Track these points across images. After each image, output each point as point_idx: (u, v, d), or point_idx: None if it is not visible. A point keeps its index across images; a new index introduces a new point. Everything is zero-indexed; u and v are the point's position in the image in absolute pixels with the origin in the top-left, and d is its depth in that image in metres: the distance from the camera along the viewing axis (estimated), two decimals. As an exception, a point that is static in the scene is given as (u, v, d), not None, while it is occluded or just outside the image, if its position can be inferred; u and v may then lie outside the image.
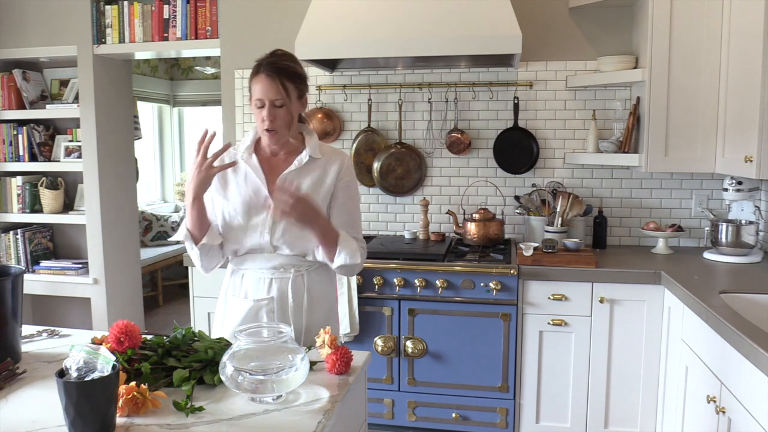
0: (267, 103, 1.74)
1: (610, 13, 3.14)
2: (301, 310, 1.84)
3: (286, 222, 1.78)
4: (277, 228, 1.80)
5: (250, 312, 1.84)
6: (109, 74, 3.81)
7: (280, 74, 1.74)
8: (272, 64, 1.75)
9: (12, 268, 1.63)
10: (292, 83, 1.77)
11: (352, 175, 1.91)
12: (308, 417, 1.27)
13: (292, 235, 1.80)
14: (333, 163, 1.87)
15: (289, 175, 1.82)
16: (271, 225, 1.80)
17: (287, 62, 1.78)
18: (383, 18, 2.84)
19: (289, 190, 1.71)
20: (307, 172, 1.84)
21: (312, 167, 1.85)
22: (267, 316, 1.84)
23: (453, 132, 3.31)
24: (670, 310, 2.57)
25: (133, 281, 4.12)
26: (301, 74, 1.81)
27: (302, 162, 1.83)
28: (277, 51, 1.81)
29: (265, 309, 1.83)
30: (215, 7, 3.47)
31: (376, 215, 3.51)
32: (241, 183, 1.84)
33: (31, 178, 3.87)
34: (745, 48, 2.47)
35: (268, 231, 1.80)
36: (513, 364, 2.81)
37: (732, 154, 2.60)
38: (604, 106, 3.20)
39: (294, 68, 1.79)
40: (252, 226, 1.81)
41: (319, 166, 1.85)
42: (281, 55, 1.80)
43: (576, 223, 3.12)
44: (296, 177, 1.83)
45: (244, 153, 1.86)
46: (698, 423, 2.16)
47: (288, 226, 1.79)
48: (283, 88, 1.74)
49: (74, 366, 1.18)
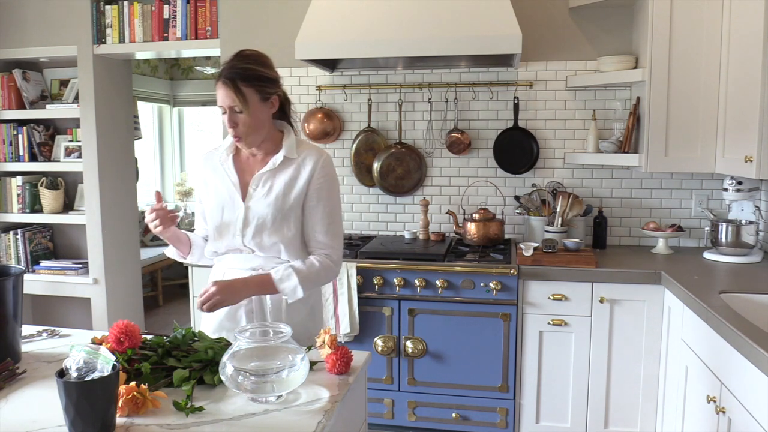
0: (227, 109, 1.73)
1: (610, 13, 3.14)
2: (280, 311, 1.83)
3: (257, 224, 1.78)
4: (247, 231, 1.80)
5: (230, 312, 1.84)
6: (109, 74, 3.81)
7: (235, 79, 1.69)
8: (228, 69, 1.72)
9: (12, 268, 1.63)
10: (251, 87, 1.70)
11: (327, 176, 1.82)
12: (308, 417, 1.27)
13: (261, 237, 1.79)
14: (307, 163, 1.81)
15: (264, 176, 1.81)
16: (242, 228, 1.80)
17: (246, 64, 1.72)
18: (383, 18, 2.84)
19: (203, 293, 1.69)
20: (283, 172, 1.81)
21: (287, 167, 1.81)
22: (246, 316, 1.83)
23: (453, 132, 3.31)
24: (670, 310, 2.57)
25: (133, 281, 4.11)
26: (262, 75, 1.73)
27: (276, 163, 1.81)
28: (242, 52, 1.76)
29: (244, 309, 1.83)
30: (215, 7, 3.47)
31: (376, 215, 3.51)
32: (219, 184, 1.85)
33: (31, 178, 3.87)
34: (745, 48, 2.47)
35: (240, 233, 1.80)
36: (513, 364, 2.81)
37: (732, 154, 2.60)
38: (604, 106, 3.20)
39: (254, 71, 1.72)
40: (226, 226, 1.82)
41: (294, 167, 1.82)
42: (244, 56, 1.74)
43: (576, 223, 3.12)
44: (270, 177, 1.81)
45: (223, 154, 1.87)
46: (698, 423, 2.16)
47: (259, 228, 1.79)
48: (239, 93, 1.69)
49: (74, 366, 1.18)
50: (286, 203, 1.79)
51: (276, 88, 1.78)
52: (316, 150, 1.85)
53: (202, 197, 1.92)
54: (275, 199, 1.79)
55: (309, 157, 1.82)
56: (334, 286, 2.85)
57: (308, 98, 3.47)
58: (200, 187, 1.93)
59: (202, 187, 1.91)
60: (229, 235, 1.82)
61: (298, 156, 1.82)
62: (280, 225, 1.79)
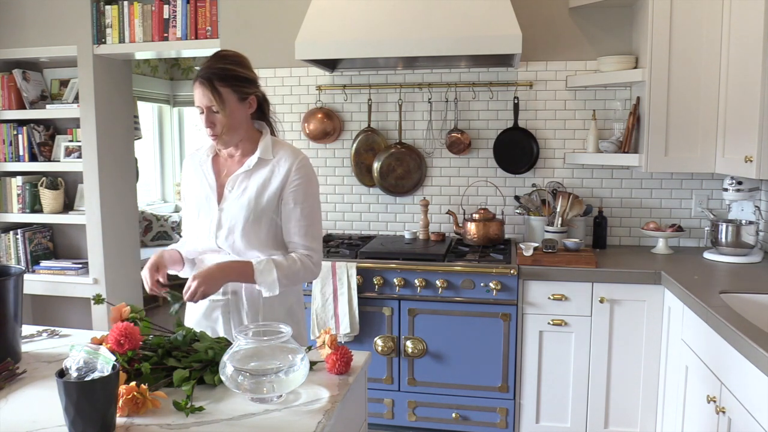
0: (204, 109, 1.73)
1: (610, 13, 3.14)
2: (257, 311, 1.82)
3: (230, 226, 1.78)
4: (220, 233, 1.79)
5: (207, 311, 1.84)
6: (109, 74, 3.81)
7: (211, 79, 1.70)
8: (205, 69, 1.72)
9: (12, 268, 1.63)
10: (228, 86, 1.71)
11: (304, 177, 1.80)
12: (308, 417, 1.27)
13: (234, 239, 1.79)
14: (282, 165, 1.80)
15: (239, 177, 1.81)
16: (215, 230, 1.80)
17: (224, 65, 1.73)
18: (383, 18, 2.84)
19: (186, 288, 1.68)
20: (258, 173, 1.81)
21: (262, 168, 1.81)
22: (222, 316, 1.83)
23: (453, 132, 3.31)
24: (670, 310, 2.57)
25: (133, 281, 4.11)
26: (239, 75, 1.74)
27: (251, 164, 1.81)
28: (219, 53, 1.77)
29: (221, 309, 1.83)
30: (215, 7, 3.47)
31: (376, 215, 3.51)
32: (197, 186, 1.87)
33: (31, 178, 3.87)
34: (745, 48, 2.47)
35: (213, 235, 1.80)
36: (513, 364, 2.81)
37: (732, 154, 2.60)
38: (604, 106, 3.20)
39: (231, 70, 1.73)
40: (202, 229, 1.83)
41: (269, 168, 1.81)
42: (220, 57, 1.75)
43: (576, 223, 3.12)
44: (245, 179, 1.81)
45: (203, 155, 1.88)
46: (698, 423, 2.16)
47: (231, 230, 1.78)
48: (216, 93, 1.70)
49: (74, 366, 1.18)
50: (259, 205, 1.78)
51: (254, 89, 1.79)
52: (292, 151, 1.83)
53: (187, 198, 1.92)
54: (248, 201, 1.78)
55: (284, 159, 1.81)
56: (334, 286, 2.85)
57: (308, 98, 3.47)
58: (184, 188, 1.94)
59: (185, 188, 1.92)
60: (204, 236, 1.82)
61: (273, 157, 1.81)
62: (252, 227, 1.78)
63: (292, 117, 3.50)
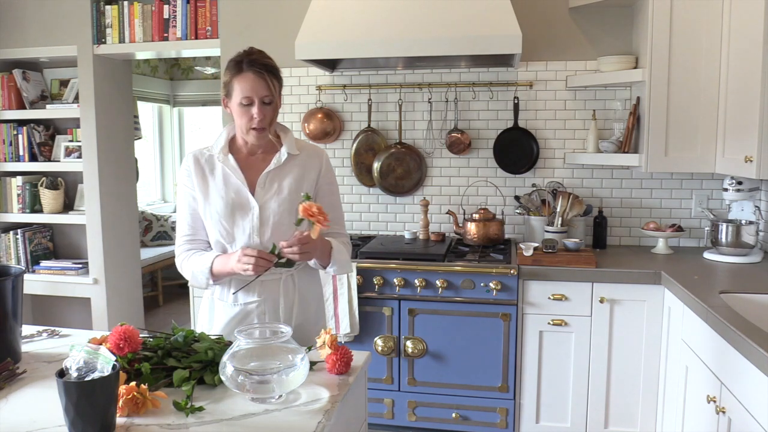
0: (257, 100, 1.72)
1: (610, 13, 3.14)
2: (292, 310, 1.83)
3: (273, 222, 1.78)
4: (265, 230, 1.78)
5: (238, 316, 1.82)
6: (109, 74, 3.81)
7: (267, 71, 1.73)
8: (257, 62, 1.73)
9: (12, 268, 1.63)
10: (277, 80, 1.77)
11: (332, 171, 1.92)
12: (308, 417, 1.27)
13: (280, 235, 1.78)
14: (312, 161, 1.86)
15: (270, 174, 1.81)
16: (259, 227, 1.78)
17: (269, 60, 1.77)
18: (383, 18, 2.84)
19: (298, 240, 1.66)
20: (288, 169, 1.82)
21: (291, 165, 1.83)
22: (258, 318, 1.82)
23: (453, 132, 3.31)
24: (670, 310, 2.57)
25: (133, 281, 4.11)
26: (279, 72, 1.80)
27: (281, 160, 1.81)
28: (255, 49, 1.78)
29: (256, 312, 1.82)
30: (215, 7, 3.47)
31: (376, 215, 3.51)
32: (221, 186, 1.80)
33: (31, 178, 3.87)
34: (745, 48, 2.47)
35: (257, 233, 1.78)
36: (513, 364, 2.81)
37: (732, 154, 2.60)
38: (604, 106, 3.20)
39: (276, 66, 1.79)
40: (239, 229, 1.79)
41: (298, 164, 1.84)
42: (260, 52, 1.77)
43: (576, 223, 3.12)
44: (276, 176, 1.81)
45: (220, 154, 1.81)
46: (698, 423, 2.16)
47: (276, 226, 1.78)
48: (273, 84, 1.74)
49: (74, 366, 1.18)
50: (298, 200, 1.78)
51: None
52: (315, 147, 1.94)
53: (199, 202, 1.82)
54: (288, 196, 1.79)
55: (312, 154, 1.88)
56: (334, 286, 2.85)
57: (308, 98, 3.47)
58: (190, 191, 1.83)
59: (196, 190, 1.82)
60: (245, 236, 1.78)
61: (299, 152, 1.85)
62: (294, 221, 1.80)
63: (292, 117, 3.50)
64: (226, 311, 1.85)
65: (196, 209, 1.84)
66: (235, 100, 1.74)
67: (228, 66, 1.76)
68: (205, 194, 1.81)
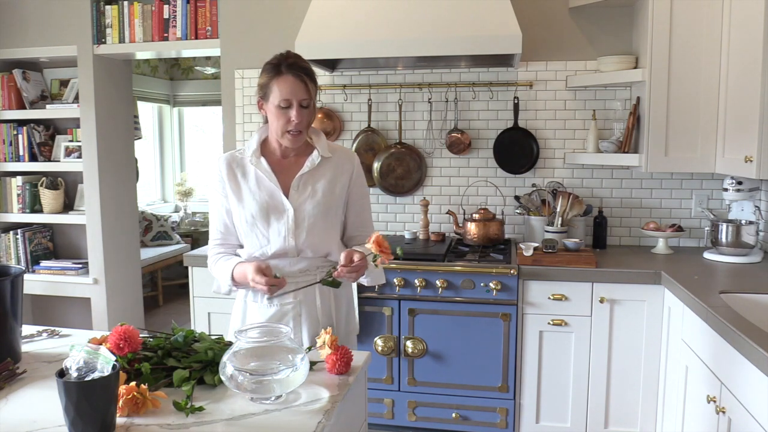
0: (295, 103, 1.72)
1: (610, 13, 3.14)
2: (330, 309, 1.86)
3: (308, 225, 1.79)
4: (300, 232, 1.78)
5: (274, 317, 1.82)
6: (109, 74, 3.81)
7: (306, 74, 1.73)
8: (296, 65, 1.73)
9: (12, 268, 1.63)
10: (314, 84, 1.77)
11: (363, 174, 1.93)
12: (308, 417, 1.27)
13: (315, 237, 1.80)
14: (345, 163, 1.87)
15: (304, 177, 1.82)
16: (294, 229, 1.78)
17: (306, 64, 1.78)
18: (383, 18, 2.84)
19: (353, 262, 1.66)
20: (321, 172, 1.83)
21: (324, 167, 1.84)
22: (293, 320, 1.82)
23: (453, 132, 3.31)
24: (670, 310, 2.57)
25: (133, 281, 4.11)
26: (316, 76, 1.80)
27: (315, 163, 1.82)
28: (290, 52, 1.79)
29: (291, 313, 1.82)
30: (215, 7, 3.47)
31: (376, 215, 3.50)
32: (254, 188, 1.81)
33: (31, 178, 3.87)
34: (745, 48, 2.47)
35: (292, 236, 1.78)
36: (513, 364, 2.81)
37: (732, 154, 2.60)
38: (604, 106, 3.20)
39: (313, 70, 1.79)
40: (273, 231, 1.79)
41: (331, 167, 1.85)
42: (297, 56, 1.78)
43: (576, 223, 3.12)
44: (310, 178, 1.82)
45: (252, 157, 1.81)
46: (698, 423, 2.16)
47: (311, 228, 1.79)
48: (308, 88, 1.73)
49: (74, 366, 1.18)
50: (333, 202, 1.82)
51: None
52: (346, 150, 1.94)
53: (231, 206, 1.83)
54: (323, 199, 1.80)
55: (344, 157, 1.88)
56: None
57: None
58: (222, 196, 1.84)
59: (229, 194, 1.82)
60: (280, 238, 1.78)
61: (331, 155, 1.86)
62: (329, 224, 1.82)
63: (292, 117, 3.50)
64: (261, 312, 1.84)
65: (228, 213, 1.85)
66: (273, 102, 1.73)
67: (265, 68, 1.76)
68: (239, 197, 1.82)
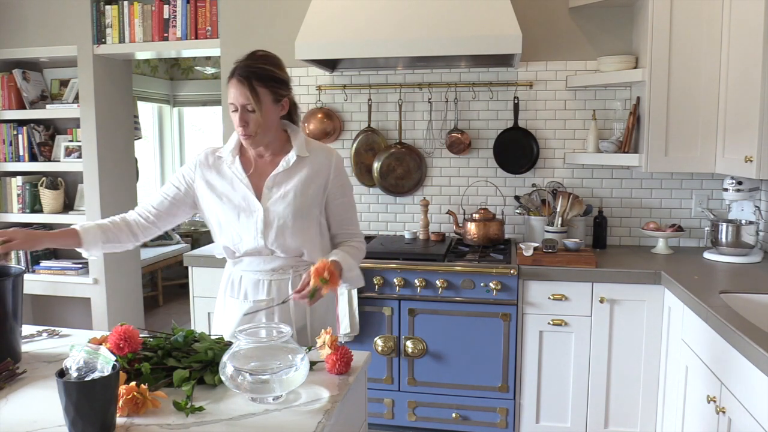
0: (239, 107, 1.71)
1: (610, 13, 3.14)
2: (303, 309, 1.85)
3: (278, 225, 1.78)
4: (270, 232, 1.79)
5: (249, 313, 1.84)
6: (109, 74, 3.81)
7: (250, 78, 1.68)
8: (245, 68, 1.70)
9: (12, 268, 1.63)
10: (265, 87, 1.70)
11: (343, 171, 1.89)
12: (308, 417, 1.27)
13: (284, 238, 1.79)
14: (322, 162, 1.84)
15: (278, 177, 1.81)
16: (263, 229, 1.79)
17: (263, 65, 1.72)
18: (383, 18, 2.84)
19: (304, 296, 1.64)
20: (296, 171, 1.82)
21: (300, 166, 1.82)
22: (266, 317, 1.82)
23: (453, 132, 3.31)
24: (670, 310, 2.57)
25: (133, 281, 4.11)
26: (276, 77, 1.73)
27: (290, 163, 1.81)
28: (256, 52, 1.76)
29: (265, 311, 1.83)
30: (215, 7, 3.47)
31: (376, 215, 3.51)
32: (229, 188, 1.82)
33: (31, 178, 3.87)
34: (745, 48, 2.47)
35: (261, 236, 1.79)
36: (513, 364, 2.81)
37: (732, 154, 2.60)
38: (604, 106, 3.20)
39: (268, 71, 1.72)
40: (245, 230, 1.80)
41: (308, 165, 1.82)
42: (259, 57, 1.75)
43: (576, 223, 3.12)
44: (284, 178, 1.81)
45: (228, 157, 1.83)
46: (698, 423, 2.16)
47: (281, 229, 1.79)
48: (253, 92, 1.68)
49: (74, 366, 1.18)
50: (305, 202, 1.80)
51: (287, 91, 1.79)
52: (325, 148, 1.89)
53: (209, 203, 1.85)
54: (294, 199, 1.79)
55: (321, 155, 1.84)
56: (334, 286, 2.84)
57: (308, 98, 3.47)
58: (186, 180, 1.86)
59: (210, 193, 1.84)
60: (250, 238, 1.80)
61: (308, 154, 1.83)
62: (301, 225, 1.80)
63: (292, 117, 3.50)
64: (237, 308, 1.87)
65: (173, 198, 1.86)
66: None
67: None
68: (213, 192, 1.84)
